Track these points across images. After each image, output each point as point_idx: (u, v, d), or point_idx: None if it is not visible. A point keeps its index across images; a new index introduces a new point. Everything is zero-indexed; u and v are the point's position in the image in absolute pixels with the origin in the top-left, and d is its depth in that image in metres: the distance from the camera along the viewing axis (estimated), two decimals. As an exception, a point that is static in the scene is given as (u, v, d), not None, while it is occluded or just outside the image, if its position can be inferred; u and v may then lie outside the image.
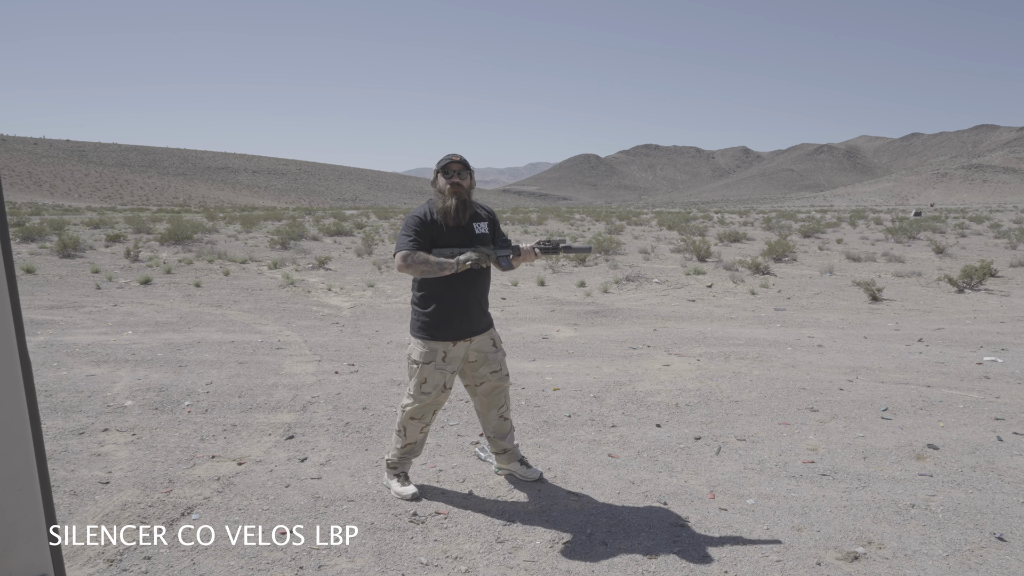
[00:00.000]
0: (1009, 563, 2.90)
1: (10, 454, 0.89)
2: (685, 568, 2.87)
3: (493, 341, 3.55)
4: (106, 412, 4.81)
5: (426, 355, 3.36)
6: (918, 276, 14.98)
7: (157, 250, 17.30)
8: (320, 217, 32.28)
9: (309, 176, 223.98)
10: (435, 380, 3.37)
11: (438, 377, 3.38)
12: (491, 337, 3.55)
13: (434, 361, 3.37)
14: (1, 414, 0.88)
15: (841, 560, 2.92)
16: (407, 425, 3.48)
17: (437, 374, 3.37)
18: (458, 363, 3.43)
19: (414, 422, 3.47)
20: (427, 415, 3.47)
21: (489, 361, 3.51)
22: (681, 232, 25.10)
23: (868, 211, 54.52)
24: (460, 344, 3.40)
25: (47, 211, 38.30)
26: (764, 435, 4.51)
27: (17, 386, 0.89)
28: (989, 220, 33.93)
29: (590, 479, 3.78)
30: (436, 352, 3.36)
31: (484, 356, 3.50)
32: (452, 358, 3.40)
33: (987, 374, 6.23)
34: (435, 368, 3.37)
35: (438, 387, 3.39)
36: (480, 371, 3.51)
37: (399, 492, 3.50)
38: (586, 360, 6.82)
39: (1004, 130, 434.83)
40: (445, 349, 3.37)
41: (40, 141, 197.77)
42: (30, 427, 0.91)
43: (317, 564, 2.87)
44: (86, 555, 2.90)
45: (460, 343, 3.40)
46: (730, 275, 14.73)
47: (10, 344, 0.88)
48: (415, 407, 3.42)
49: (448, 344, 3.37)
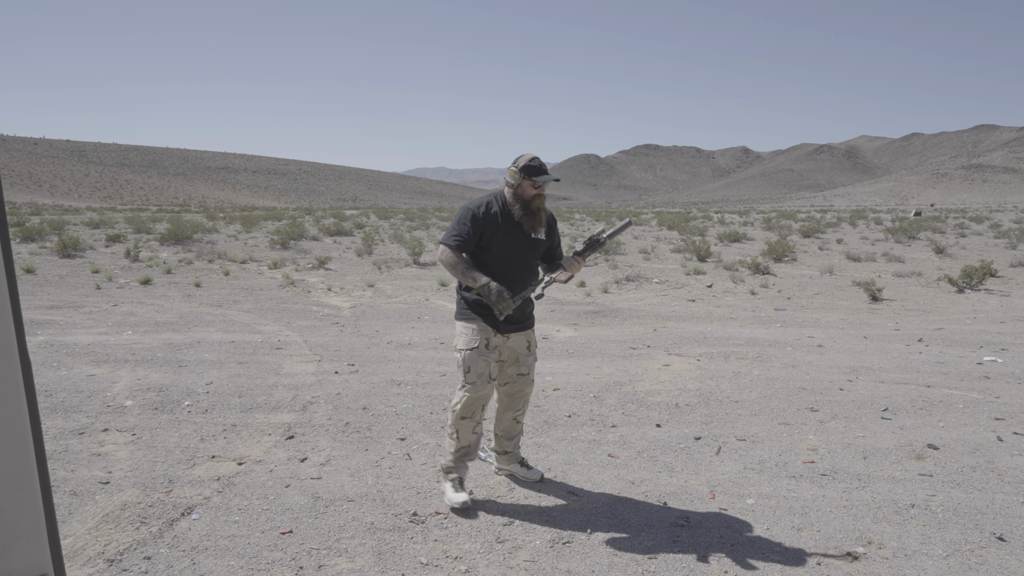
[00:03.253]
0: (1009, 563, 2.90)
1: (10, 454, 0.89)
2: (685, 568, 2.86)
3: (529, 343, 3.46)
4: (106, 412, 4.81)
5: (470, 340, 3.26)
6: (918, 276, 14.98)
7: (157, 250, 17.30)
8: (320, 217, 32.28)
9: (309, 176, 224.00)
10: (479, 368, 3.25)
11: (482, 365, 3.26)
12: (528, 339, 3.45)
13: (478, 347, 3.26)
14: (1, 414, 0.88)
15: (841, 560, 2.92)
16: (459, 427, 3.34)
17: (481, 361, 3.26)
18: (501, 352, 3.34)
19: (465, 422, 3.33)
20: (476, 411, 3.33)
21: (519, 363, 3.42)
22: (681, 232, 25.10)
23: (868, 211, 54.53)
24: (499, 337, 3.32)
25: (47, 211, 38.30)
26: (764, 435, 4.51)
27: (17, 386, 0.89)
28: (989, 220, 33.93)
29: (590, 479, 3.78)
30: (480, 336, 3.26)
31: (516, 356, 3.41)
32: (494, 346, 3.30)
33: (987, 374, 6.23)
34: (479, 355, 3.26)
35: (483, 376, 3.26)
36: (508, 371, 3.42)
37: (451, 499, 3.35)
38: (586, 360, 6.82)
39: (1004, 130, 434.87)
40: (487, 336, 3.27)
41: (40, 141, 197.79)
42: (30, 427, 0.91)
43: (317, 564, 2.87)
44: (86, 555, 2.90)
45: (501, 335, 3.32)
46: (730, 275, 14.73)
47: (10, 344, 0.88)
48: (465, 401, 3.29)
49: (490, 331, 3.28)
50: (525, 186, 3.19)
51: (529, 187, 3.19)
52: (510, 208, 3.26)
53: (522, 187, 3.21)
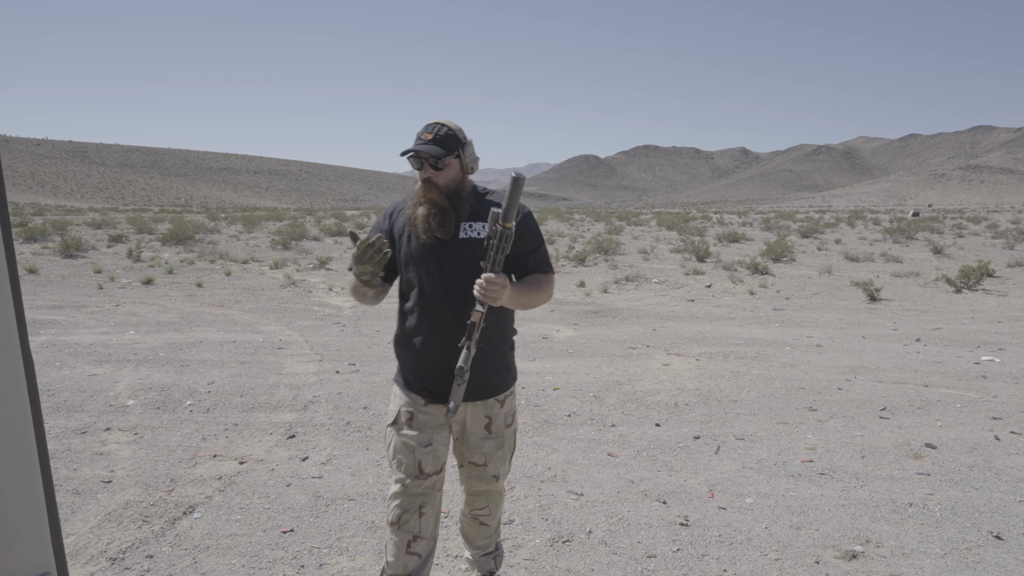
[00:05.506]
0: (1006, 561, 2.91)
1: (13, 453, 0.91)
2: (684, 567, 2.88)
3: (490, 421, 2.26)
4: (108, 411, 4.82)
5: (390, 412, 2.28)
6: (916, 276, 14.98)
7: (159, 250, 17.32)
8: (321, 217, 32.30)
9: (310, 177, 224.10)
10: (401, 455, 2.20)
11: (403, 451, 2.19)
12: (489, 414, 2.25)
13: (397, 421, 2.23)
14: (4, 413, 0.90)
15: (839, 559, 2.93)
16: (388, 536, 2.25)
17: (402, 445, 2.19)
18: (436, 431, 2.21)
19: (394, 530, 2.21)
20: (410, 519, 2.19)
21: (470, 447, 2.28)
22: (680, 232, 25.11)
23: (866, 211, 54.51)
24: (434, 406, 2.21)
25: (50, 211, 38.34)
26: (763, 434, 4.52)
27: (20, 385, 0.90)
28: (986, 220, 33.92)
29: (590, 478, 3.79)
30: (400, 407, 2.23)
31: (466, 437, 2.28)
32: (423, 423, 2.20)
33: (984, 374, 6.24)
34: (396, 434, 2.22)
35: (409, 468, 2.18)
36: (460, 451, 2.33)
37: None
38: (586, 360, 6.83)
39: (1001, 131, 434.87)
40: (412, 407, 2.21)
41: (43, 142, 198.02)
42: (33, 426, 0.92)
43: (318, 563, 2.88)
44: (89, 553, 2.91)
45: (434, 404, 2.21)
46: (729, 275, 14.74)
47: (13, 344, 0.89)
48: (390, 498, 2.23)
49: (417, 399, 2.21)
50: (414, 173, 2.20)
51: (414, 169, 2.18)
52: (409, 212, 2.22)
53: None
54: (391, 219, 2.28)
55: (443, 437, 2.23)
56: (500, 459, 2.32)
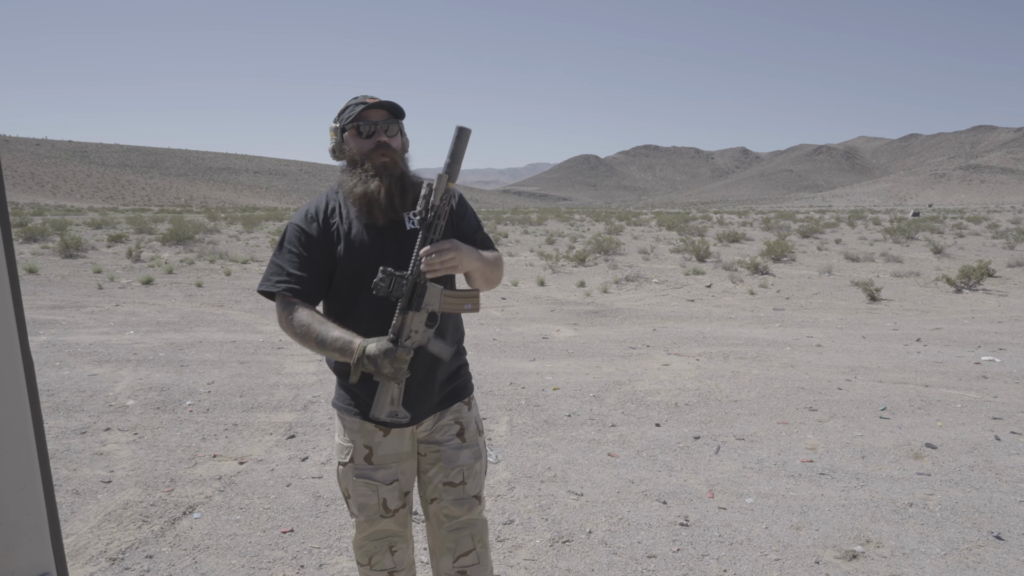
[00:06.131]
0: (1007, 561, 2.91)
1: (13, 453, 0.90)
2: (684, 567, 2.88)
3: (461, 427, 1.96)
4: (108, 411, 4.82)
5: (341, 448, 1.94)
6: (916, 276, 14.98)
7: (159, 250, 17.32)
8: (321, 217, 32.29)
9: (310, 177, 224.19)
10: (360, 495, 1.91)
11: (364, 491, 1.91)
12: (458, 419, 1.96)
13: (352, 460, 1.91)
14: (4, 413, 0.89)
15: (839, 559, 2.93)
16: None
17: (362, 485, 1.91)
18: (403, 466, 1.93)
19: (364, 571, 2.01)
20: (380, 555, 1.97)
21: (444, 463, 1.93)
22: (680, 232, 25.11)
23: (866, 211, 54.53)
24: (396, 431, 1.90)
25: (49, 211, 38.34)
26: (763, 434, 4.52)
27: (20, 385, 0.90)
28: (987, 220, 33.91)
29: (590, 478, 3.79)
30: (356, 441, 1.91)
31: (438, 452, 1.94)
32: (384, 458, 1.90)
33: (985, 374, 6.24)
34: (353, 474, 1.91)
35: (371, 509, 1.91)
36: (431, 475, 1.96)
37: None
38: (586, 360, 6.83)
39: (1002, 131, 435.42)
40: (369, 440, 1.89)
41: (42, 142, 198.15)
42: (32, 426, 0.92)
43: (318, 563, 2.88)
44: (88, 553, 2.91)
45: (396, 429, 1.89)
46: (729, 275, 14.74)
47: (12, 344, 0.89)
48: (355, 543, 2.01)
49: (372, 430, 1.89)
50: (351, 142, 1.84)
51: (356, 140, 1.83)
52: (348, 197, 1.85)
53: (348, 146, 1.85)
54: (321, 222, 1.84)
55: (408, 469, 1.95)
56: (479, 474, 1.99)
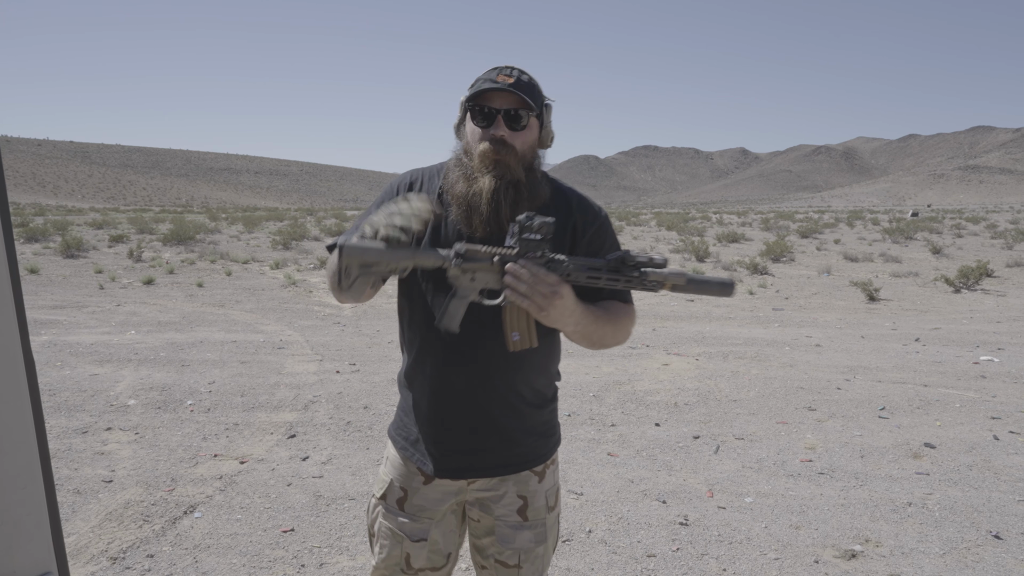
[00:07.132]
0: (1005, 561, 2.92)
1: (14, 453, 0.91)
2: (684, 566, 2.88)
3: (524, 502, 1.60)
4: (109, 411, 4.83)
5: (381, 479, 1.65)
6: (915, 276, 14.99)
7: (160, 250, 17.34)
8: (322, 218, 32.32)
9: (311, 177, 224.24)
10: (385, 540, 1.60)
11: (387, 537, 1.59)
12: (521, 492, 1.61)
13: (385, 498, 1.61)
14: (5, 413, 0.90)
15: (839, 558, 2.94)
16: None
17: (386, 529, 1.60)
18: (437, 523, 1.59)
19: None
20: None
21: (497, 538, 1.60)
22: (680, 232, 25.12)
23: (865, 212, 54.54)
24: (440, 482, 1.57)
25: (51, 212, 38.38)
26: (762, 434, 4.53)
27: (21, 385, 0.91)
28: (985, 221, 33.93)
29: (590, 478, 3.80)
30: (392, 478, 1.61)
31: (492, 528, 1.60)
32: (418, 508, 1.58)
33: (983, 373, 6.24)
34: (384, 514, 1.60)
35: (392, 563, 1.58)
36: (484, 544, 1.63)
37: None
38: (585, 359, 6.84)
39: (1000, 131, 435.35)
40: (406, 484, 1.59)
41: (44, 142, 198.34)
42: (34, 426, 0.93)
43: (319, 562, 2.89)
44: (89, 553, 2.92)
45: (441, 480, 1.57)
46: (729, 275, 14.74)
47: (14, 344, 0.90)
48: None
49: (414, 471, 1.58)
50: (468, 125, 1.48)
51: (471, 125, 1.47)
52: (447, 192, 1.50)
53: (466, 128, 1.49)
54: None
55: (447, 528, 1.60)
56: (539, 558, 1.62)
